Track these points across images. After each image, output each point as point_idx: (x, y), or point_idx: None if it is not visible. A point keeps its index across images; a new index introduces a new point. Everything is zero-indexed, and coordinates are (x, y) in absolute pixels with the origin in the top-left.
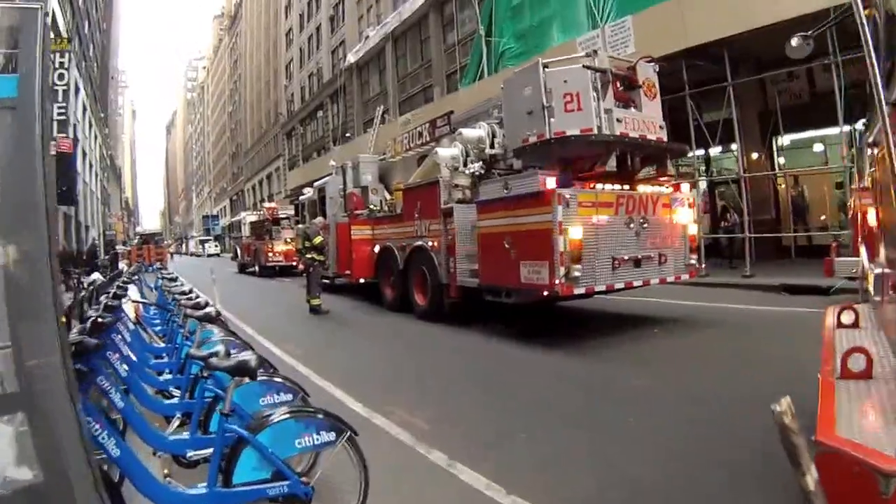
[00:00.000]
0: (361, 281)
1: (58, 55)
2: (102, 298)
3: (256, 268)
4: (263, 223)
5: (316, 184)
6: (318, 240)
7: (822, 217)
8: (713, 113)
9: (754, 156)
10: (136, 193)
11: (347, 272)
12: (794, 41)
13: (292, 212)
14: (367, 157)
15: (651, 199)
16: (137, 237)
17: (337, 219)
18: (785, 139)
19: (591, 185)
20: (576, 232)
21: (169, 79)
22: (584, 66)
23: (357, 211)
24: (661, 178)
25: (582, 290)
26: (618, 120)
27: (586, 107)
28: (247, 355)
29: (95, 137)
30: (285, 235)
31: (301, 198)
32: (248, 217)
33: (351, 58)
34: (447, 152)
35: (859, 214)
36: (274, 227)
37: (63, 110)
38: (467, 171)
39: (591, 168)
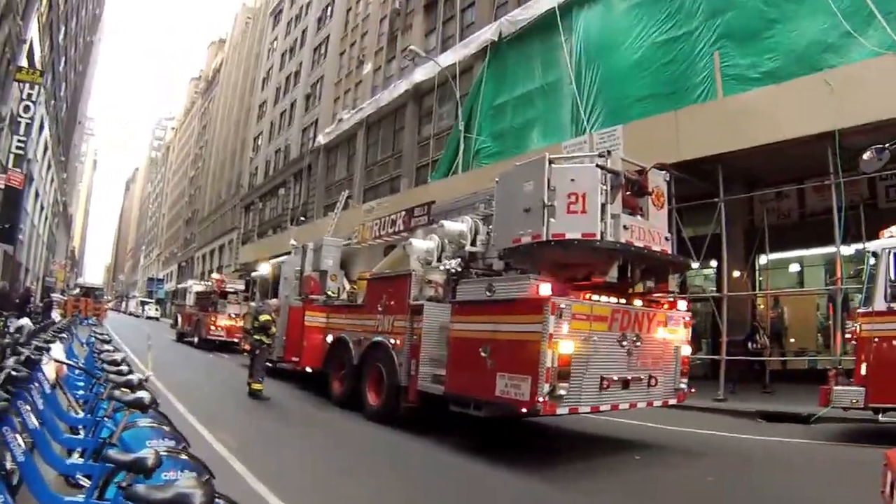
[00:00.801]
0: (309, 370)
1: (27, 86)
2: (9, 363)
3: (196, 339)
4: (209, 294)
5: (272, 261)
6: (264, 317)
7: (792, 340)
8: (698, 228)
9: (735, 274)
10: (85, 244)
11: (295, 359)
12: (867, 155)
13: (241, 286)
14: (330, 241)
15: (647, 316)
16: (77, 288)
17: (290, 301)
18: (768, 258)
19: (587, 296)
20: (566, 346)
21: (136, 135)
22: (597, 165)
23: (312, 296)
24: (660, 294)
25: (565, 411)
26: (624, 227)
27: (591, 209)
28: (190, 486)
29: (52, 180)
30: (230, 310)
31: (254, 274)
32: (195, 286)
33: (321, 139)
34: (422, 245)
35: (875, 341)
36: (220, 300)
37: (23, 144)
38: (442, 268)
39: (587, 277)
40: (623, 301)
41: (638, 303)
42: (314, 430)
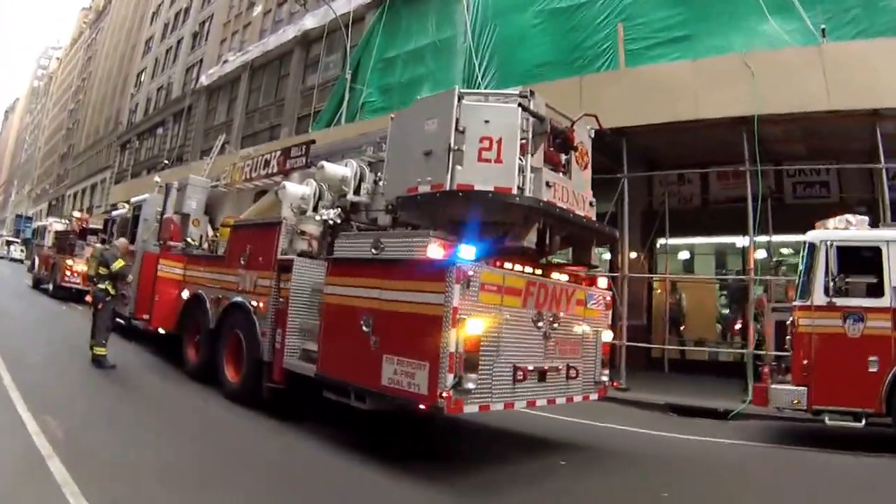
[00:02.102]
0: (161, 331)
1: None
2: None
3: (51, 286)
4: (68, 234)
5: (132, 199)
6: (118, 265)
7: (683, 328)
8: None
9: (632, 255)
10: None
11: (146, 316)
12: None
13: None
14: (197, 180)
15: (565, 293)
16: None
17: (147, 247)
18: (667, 242)
19: (498, 263)
20: (475, 325)
21: (20, 63)
22: (519, 104)
23: (171, 242)
24: (577, 267)
25: (475, 409)
26: (547, 184)
27: (508, 159)
28: None
29: None
30: (89, 253)
31: (114, 213)
32: (56, 224)
33: (204, 80)
34: (297, 189)
35: (816, 337)
36: (79, 242)
37: None
38: (318, 217)
39: (497, 240)
40: (539, 273)
41: (557, 276)
42: (163, 414)
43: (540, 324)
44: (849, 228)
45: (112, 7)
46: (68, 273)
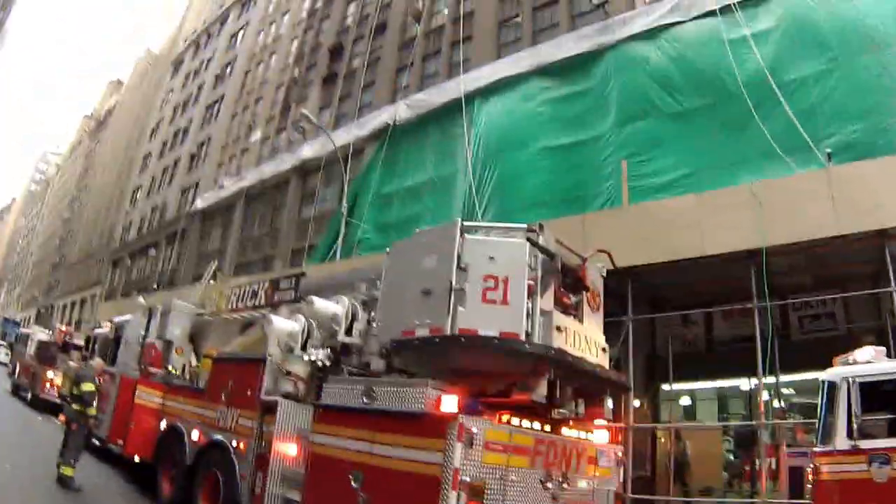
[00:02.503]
0: (136, 459)
1: None
2: None
3: (30, 395)
4: (50, 346)
5: (115, 319)
6: (87, 387)
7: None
8: None
9: (636, 404)
10: None
11: (120, 442)
12: None
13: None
14: (182, 306)
15: (576, 450)
16: None
17: (126, 370)
18: (672, 387)
19: (504, 419)
20: (478, 488)
21: (18, 164)
22: (528, 239)
23: (152, 368)
24: (588, 422)
25: None
26: (557, 329)
27: (515, 300)
28: None
29: None
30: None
31: (97, 330)
32: (39, 334)
33: (199, 203)
34: (284, 325)
35: (841, 485)
36: (61, 355)
37: None
38: (307, 358)
39: (505, 393)
40: (548, 428)
41: (567, 431)
42: None
43: (549, 485)
44: (872, 362)
45: (113, 119)
46: (48, 385)
